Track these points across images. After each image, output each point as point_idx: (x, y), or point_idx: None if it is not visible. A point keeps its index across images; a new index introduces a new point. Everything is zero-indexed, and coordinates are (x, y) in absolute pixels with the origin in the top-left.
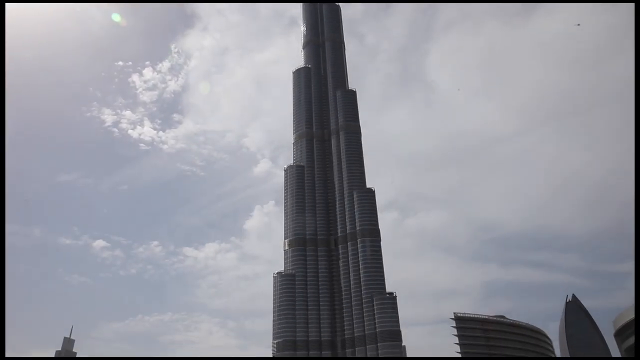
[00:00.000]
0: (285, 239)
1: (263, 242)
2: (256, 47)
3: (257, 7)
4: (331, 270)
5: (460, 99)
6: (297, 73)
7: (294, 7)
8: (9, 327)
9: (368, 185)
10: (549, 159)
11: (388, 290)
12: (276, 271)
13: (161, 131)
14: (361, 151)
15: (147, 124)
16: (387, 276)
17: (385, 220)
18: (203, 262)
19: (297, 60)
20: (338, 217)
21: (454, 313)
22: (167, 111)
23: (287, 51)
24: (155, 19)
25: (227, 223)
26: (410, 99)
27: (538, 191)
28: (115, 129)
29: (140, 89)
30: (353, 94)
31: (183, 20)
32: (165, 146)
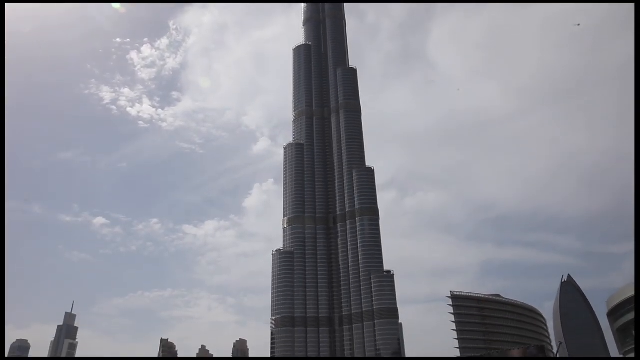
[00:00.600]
0: (284, 217)
1: (262, 220)
2: (256, 24)
3: None
4: (330, 248)
5: (460, 79)
6: (297, 50)
7: None
8: (12, 302)
9: (367, 164)
10: (548, 140)
11: (386, 268)
12: (275, 249)
13: (160, 109)
14: (361, 130)
15: (146, 102)
16: (385, 254)
17: (384, 199)
18: (202, 240)
19: (297, 37)
20: (337, 196)
21: (451, 291)
22: (166, 89)
23: (287, 28)
24: None
25: (227, 201)
26: (410, 78)
27: (537, 172)
28: (113, 107)
29: (138, 66)
30: (353, 72)
31: None
32: (164, 124)
